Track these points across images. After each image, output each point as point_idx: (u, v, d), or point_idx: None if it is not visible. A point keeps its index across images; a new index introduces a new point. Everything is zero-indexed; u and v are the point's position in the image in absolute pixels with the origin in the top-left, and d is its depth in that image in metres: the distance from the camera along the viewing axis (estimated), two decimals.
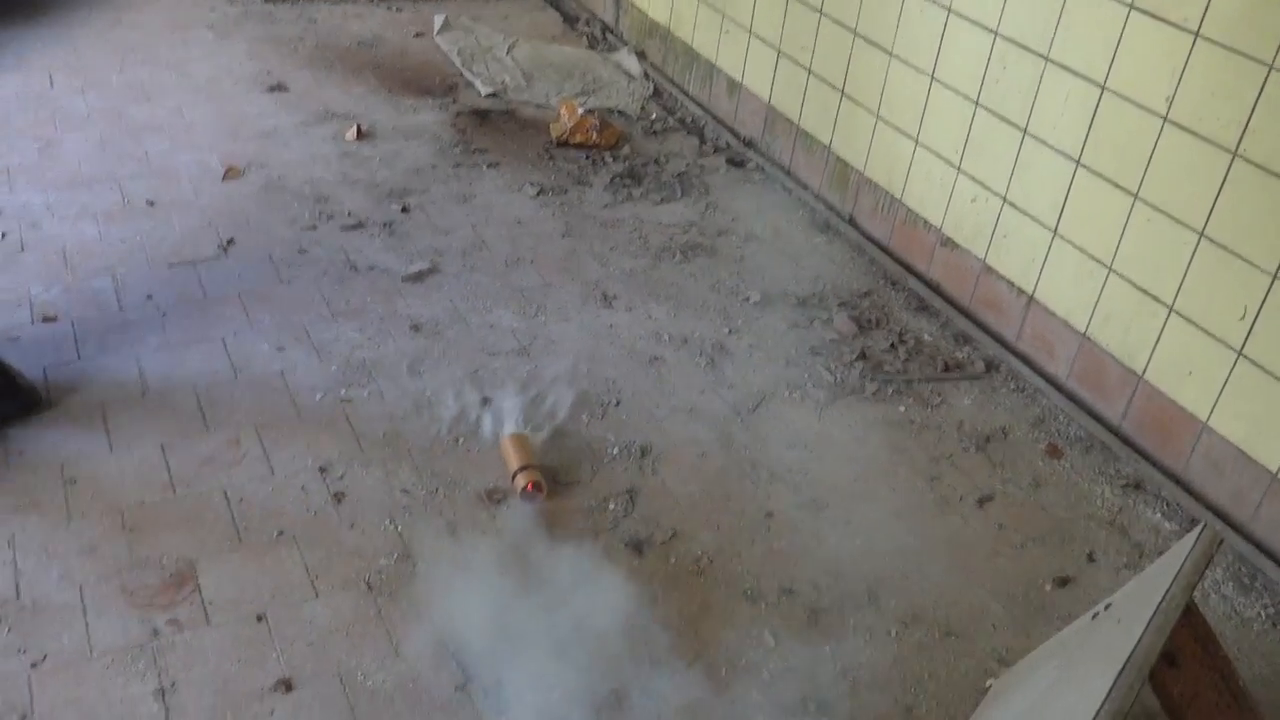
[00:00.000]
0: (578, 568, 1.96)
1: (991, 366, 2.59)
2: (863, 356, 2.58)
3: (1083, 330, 2.42)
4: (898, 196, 2.89)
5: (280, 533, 1.96)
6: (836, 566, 2.02)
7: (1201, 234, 2.10)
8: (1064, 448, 2.36)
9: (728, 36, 3.46)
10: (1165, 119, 2.14)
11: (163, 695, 1.67)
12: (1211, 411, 2.14)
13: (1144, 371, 2.28)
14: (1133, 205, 2.23)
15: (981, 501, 2.20)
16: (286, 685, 1.70)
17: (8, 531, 1.91)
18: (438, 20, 4.04)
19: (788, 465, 2.24)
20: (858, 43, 2.91)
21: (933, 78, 2.69)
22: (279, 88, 3.48)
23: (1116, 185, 2.26)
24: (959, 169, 2.67)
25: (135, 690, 1.67)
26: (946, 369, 2.58)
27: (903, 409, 2.43)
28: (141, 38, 3.78)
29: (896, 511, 2.16)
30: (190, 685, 1.68)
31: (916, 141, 2.79)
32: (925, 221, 2.81)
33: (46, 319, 2.42)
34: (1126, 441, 2.34)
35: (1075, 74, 2.31)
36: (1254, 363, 2.04)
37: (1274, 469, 2.05)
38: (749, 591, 1.95)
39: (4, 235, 2.66)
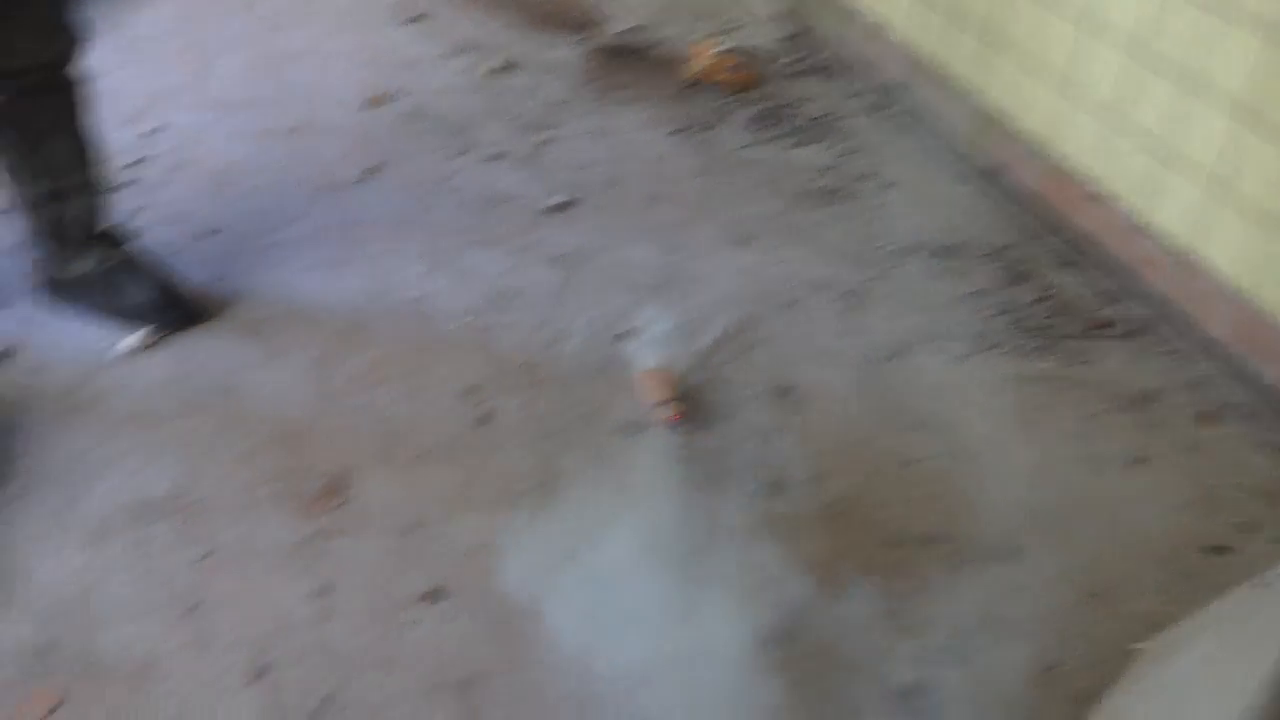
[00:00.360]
0: (716, 502, 1.96)
1: (1142, 327, 2.51)
2: (1005, 310, 2.51)
3: (1243, 291, 2.32)
4: (1047, 148, 2.80)
5: (427, 450, 2.00)
6: (979, 519, 1.99)
7: None
8: (1220, 414, 2.28)
9: None
10: None
11: (320, 595, 1.73)
12: None
13: None
14: None
15: (1130, 463, 2.14)
16: (435, 595, 1.75)
17: (174, 433, 1.99)
18: None
19: (927, 415, 2.21)
20: None
21: (1088, 23, 2.59)
22: (418, 18, 3.51)
23: None
24: (1114, 120, 2.57)
25: (294, 589, 1.74)
26: (1093, 327, 2.50)
27: (1046, 366, 2.37)
28: None
29: (1040, 468, 2.11)
30: (344, 589, 1.74)
31: (1070, 91, 2.69)
32: (1075, 174, 2.72)
33: (204, 234, 2.49)
34: None
35: (1240, 20, 2.20)
36: None
37: None
38: (890, 538, 1.93)
39: (163, 153, 2.75)
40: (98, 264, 2.19)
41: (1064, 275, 2.66)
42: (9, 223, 2.30)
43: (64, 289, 2.21)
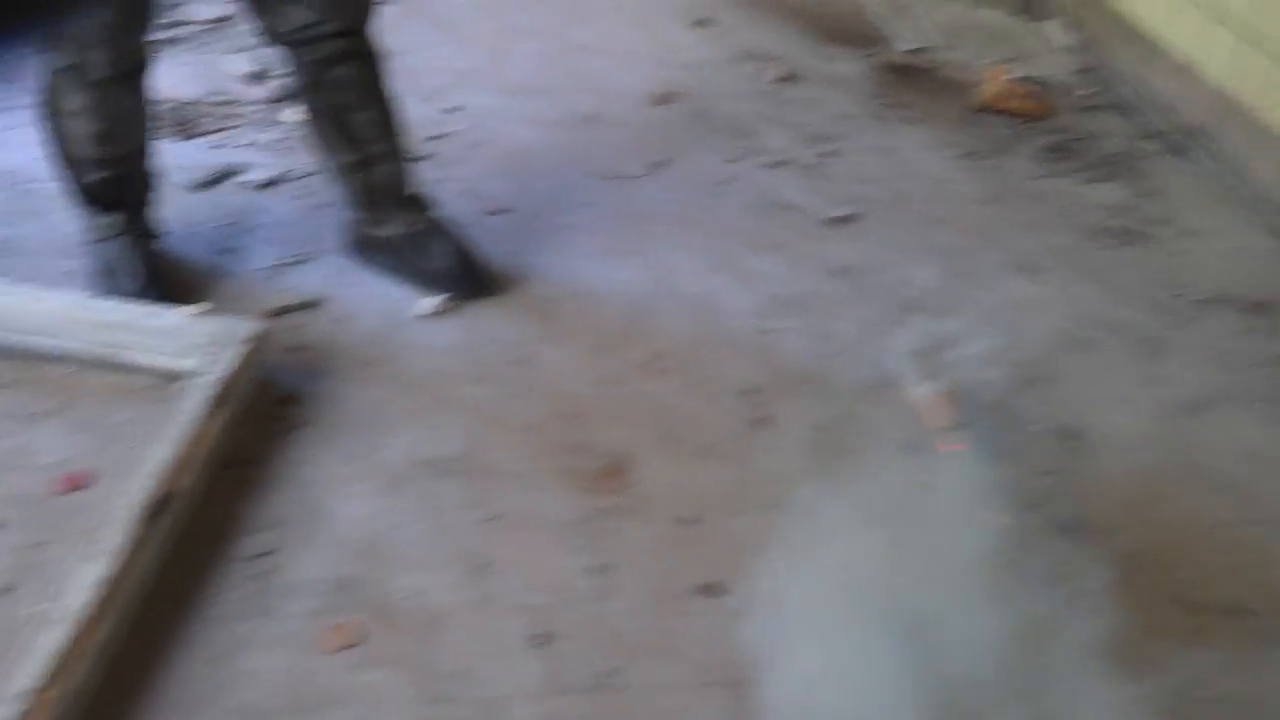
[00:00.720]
0: (1001, 538, 1.87)
1: None
2: None
3: None
4: None
5: (705, 446, 2.00)
6: None
7: None
8: None
9: (1178, 13, 3.18)
10: None
11: (600, 573, 1.74)
12: None
13: None
14: None
15: None
16: (711, 590, 1.73)
17: (464, 397, 2.06)
18: None
19: (1232, 478, 2.04)
20: None
21: None
22: (705, 22, 3.54)
23: None
24: None
25: (575, 562, 1.76)
26: None
27: None
28: None
29: None
30: (624, 569, 1.75)
31: None
32: None
33: (496, 212, 2.58)
34: None
35: None
36: None
37: None
38: (1190, 604, 1.80)
39: (463, 131, 2.86)
40: (405, 227, 2.29)
41: None
42: (322, 182, 2.44)
43: (371, 248, 2.33)
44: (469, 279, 2.29)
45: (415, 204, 2.32)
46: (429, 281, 2.28)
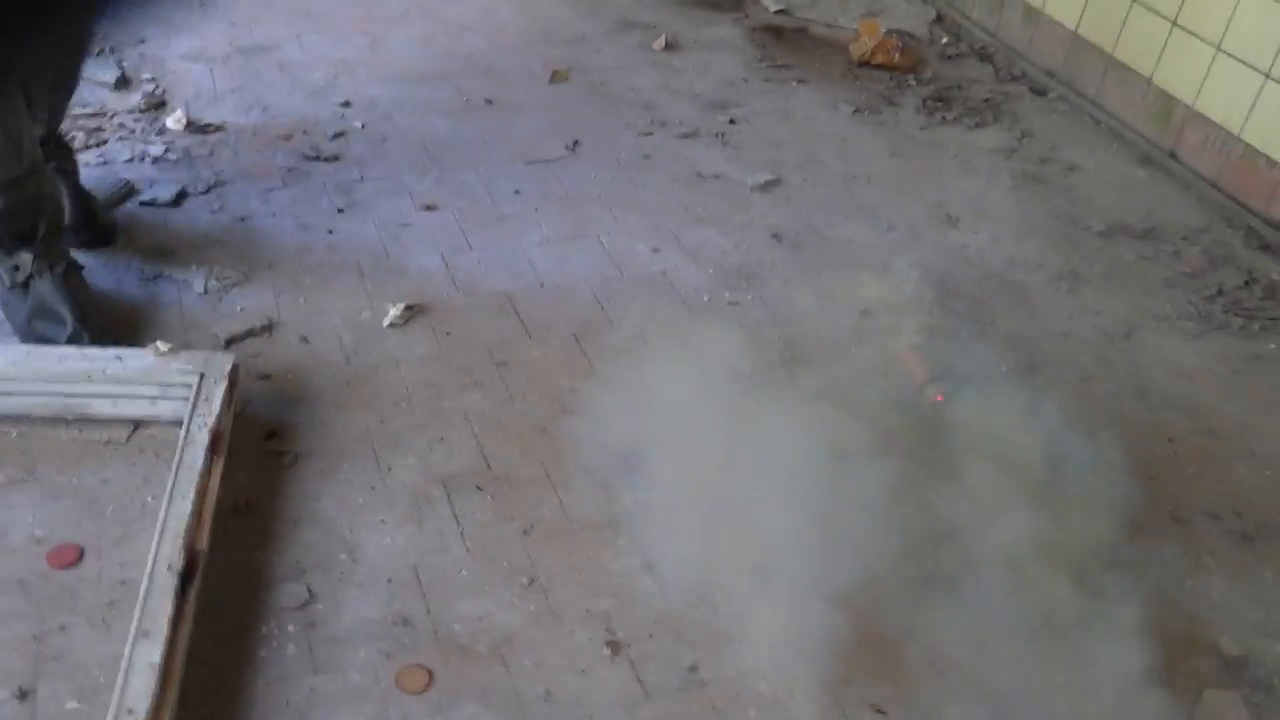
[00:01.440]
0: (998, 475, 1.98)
1: None
2: (1220, 293, 2.54)
3: None
4: (1234, 132, 2.82)
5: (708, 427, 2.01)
6: (1252, 496, 2.02)
7: None
8: None
9: None
10: None
11: (649, 570, 1.73)
12: None
13: None
14: None
15: None
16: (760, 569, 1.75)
17: (458, 406, 1.98)
18: None
19: (1174, 394, 2.23)
20: None
21: None
22: None
23: None
24: None
25: (626, 563, 1.74)
26: None
27: (1274, 346, 2.40)
28: None
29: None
30: (668, 562, 1.74)
31: (1267, 75, 2.71)
32: (1269, 159, 2.75)
33: (428, 207, 2.48)
34: None
35: None
36: None
37: None
38: (1174, 513, 1.96)
39: (363, 126, 2.72)
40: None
41: (1264, 259, 2.69)
42: (234, 192, 2.27)
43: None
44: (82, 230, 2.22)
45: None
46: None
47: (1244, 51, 2.77)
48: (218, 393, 1.77)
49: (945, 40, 3.55)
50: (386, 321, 2.14)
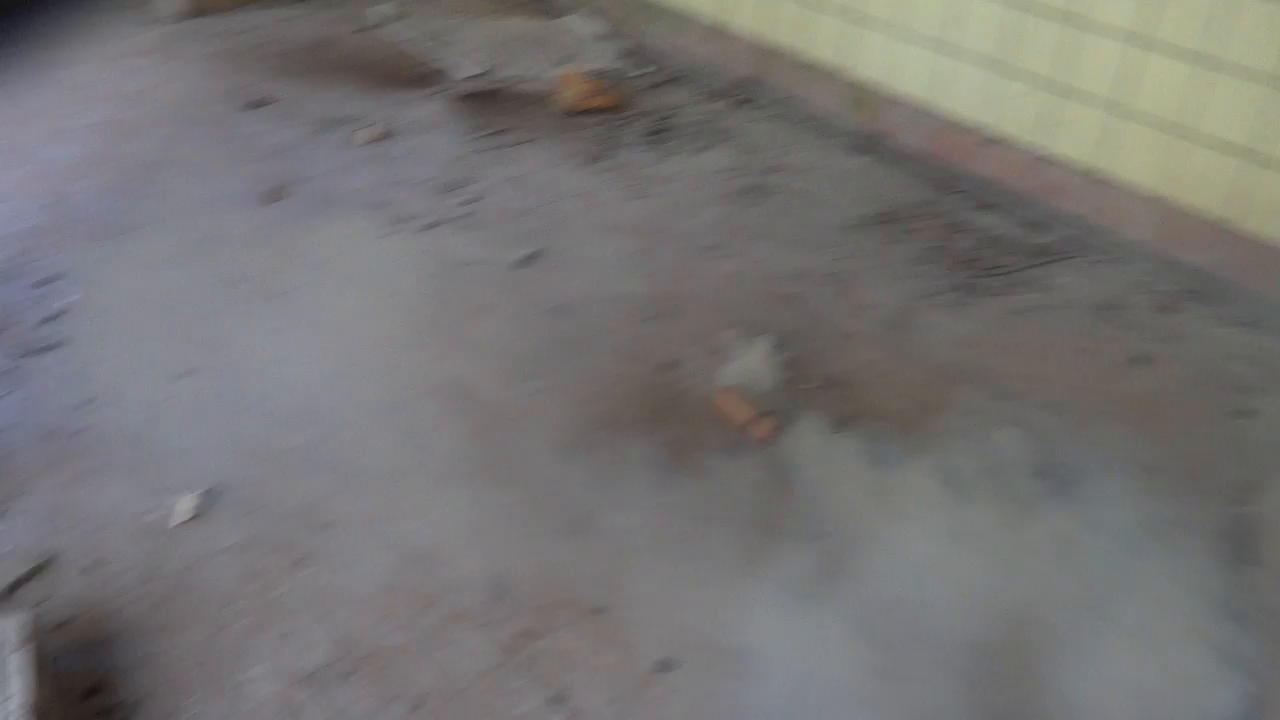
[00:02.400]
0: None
1: (1075, 245, 2.79)
2: (962, 259, 2.73)
3: (1156, 194, 2.64)
4: (931, 107, 3.04)
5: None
6: (1062, 447, 2.15)
7: None
8: (1174, 304, 2.59)
9: None
10: None
11: (556, 703, 1.63)
12: None
13: (1240, 221, 2.52)
14: (1204, 69, 2.45)
15: (1135, 362, 2.40)
16: (665, 666, 1.70)
17: (295, 588, 1.79)
18: (381, 11, 3.88)
19: (965, 365, 2.36)
20: None
21: None
22: (262, 101, 3.27)
23: (1185, 53, 2.48)
24: (1000, 69, 2.83)
25: (528, 703, 1.63)
26: (1037, 256, 2.76)
27: (1024, 298, 2.60)
28: (87, 72, 3.42)
29: (1076, 387, 2.32)
30: (577, 690, 1.65)
31: (950, 51, 2.93)
32: (965, 125, 2.97)
33: (184, 374, 2.23)
34: (1228, 285, 2.58)
35: None
36: None
37: None
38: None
39: (78, 299, 2.42)
40: None
41: (988, 218, 2.91)
42: None
43: None
44: None
45: None
46: None
47: (917, 29, 2.98)
48: (15, 665, 1.51)
49: (642, 72, 3.61)
50: (177, 519, 1.91)
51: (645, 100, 3.45)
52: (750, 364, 2.30)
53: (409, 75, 3.52)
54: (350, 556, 1.86)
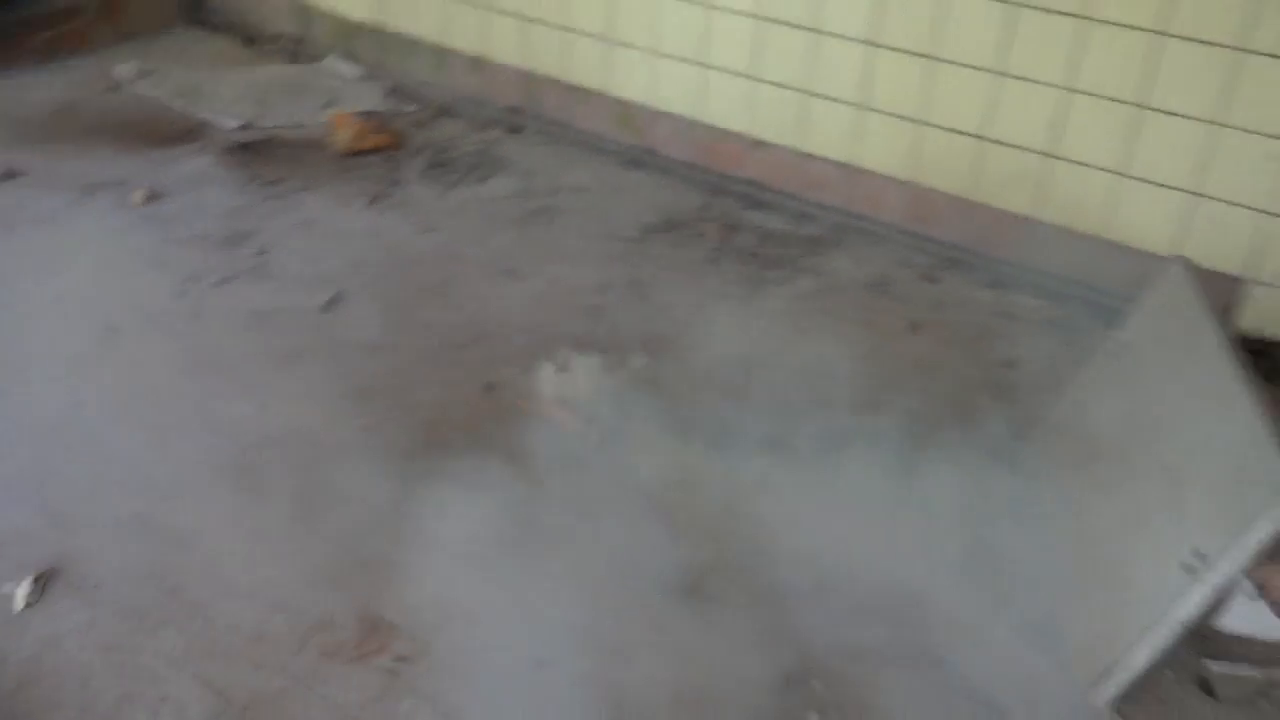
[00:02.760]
0: None
1: (842, 232, 3.06)
2: (745, 256, 2.94)
3: (903, 179, 2.95)
4: (695, 118, 3.25)
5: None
6: (830, 417, 2.34)
7: (1001, 73, 2.69)
8: (934, 274, 2.89)
9: (458, 17, 3.59)
10: None
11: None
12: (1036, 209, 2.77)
13: (977, 196, 2.85)
14: (931, 65, 2.77)
15: (913, 328, 2.67)
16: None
17: (159, 654, 1.74)
18: (126, 70, 3.73)
19: (767, 351, 2.55)
20: None
21: (714, 5, 3.06)
22: (11, 174, 3.09)
23: (914, 52, 2.79)
24: (752, 79, 3.08)
25: None
26: (810, 245, 3.01)
27: (806, 285, 2.83)
28: None
29: (866, 356, 2.55)
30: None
31: (705, 66, 3.16)
32: (729, 133, 3.20)
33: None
34: (976, 253, 2.91)
35: None
36: (1069, 160, 2.68)
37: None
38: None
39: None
40: None
41: (760, 215, 3.14)
42: None
43: None
44: None
45: None
46: None
47: (671, 48, 3.19)
48: None
49: (411, 109, 3.66)
50: (19, 604, 1.81)
51: (419, 136, 3.50)
52: (569, 375, 2.41)
53: (170, 131, 3.41)
54: (210, 613, 1.83)
